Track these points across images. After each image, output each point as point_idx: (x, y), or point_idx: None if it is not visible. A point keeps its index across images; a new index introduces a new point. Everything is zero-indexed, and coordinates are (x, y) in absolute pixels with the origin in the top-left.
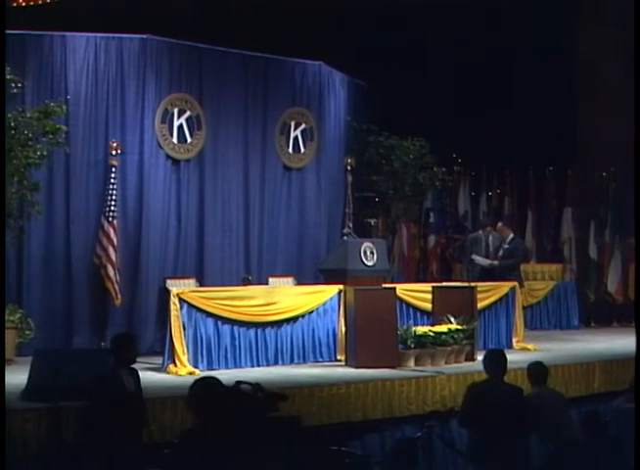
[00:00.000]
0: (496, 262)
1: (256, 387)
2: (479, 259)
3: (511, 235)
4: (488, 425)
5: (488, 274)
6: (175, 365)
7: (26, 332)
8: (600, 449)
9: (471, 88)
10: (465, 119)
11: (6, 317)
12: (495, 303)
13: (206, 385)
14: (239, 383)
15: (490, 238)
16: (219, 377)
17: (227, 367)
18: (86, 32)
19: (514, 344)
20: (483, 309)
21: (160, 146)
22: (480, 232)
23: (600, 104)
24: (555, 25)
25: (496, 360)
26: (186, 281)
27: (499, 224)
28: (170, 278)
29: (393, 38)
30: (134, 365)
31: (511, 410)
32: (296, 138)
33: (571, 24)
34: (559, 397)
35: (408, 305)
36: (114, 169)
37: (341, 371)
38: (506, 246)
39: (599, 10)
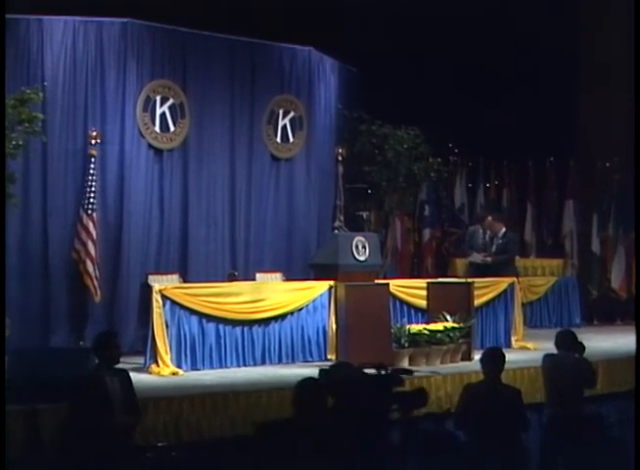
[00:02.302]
0: (489, 259)
1: (380, 365)
2: (473, 257)
3: (503, 229)
4: (484, 427)
5: (483, 271)
6: (158, 365)
7: None
8: (602, 452)
9: (468, 75)
10: (462, 108)
11: None
12: (493, 299)
13: (341, 369)
14: (365, 365)
15: (488, 231)
16: (204, 378)
17: (212, 367)
18: (64, 16)
19: (513, 342)
20: (481, 306)
21: (141, 135)
22: (478, 225)
23: (602, 92)
24: (556, 12)
25: (494, 360)
26: (169, 277)
27: (489, 218)
28: (152, 274)
29: (387, 22)
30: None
31: (508, 412)
32: (284, 127)
33: (572, 11)
34: (587, 366)
35: (402, 301)
36: (93, 160)
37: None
38: (499, 241)
39: None
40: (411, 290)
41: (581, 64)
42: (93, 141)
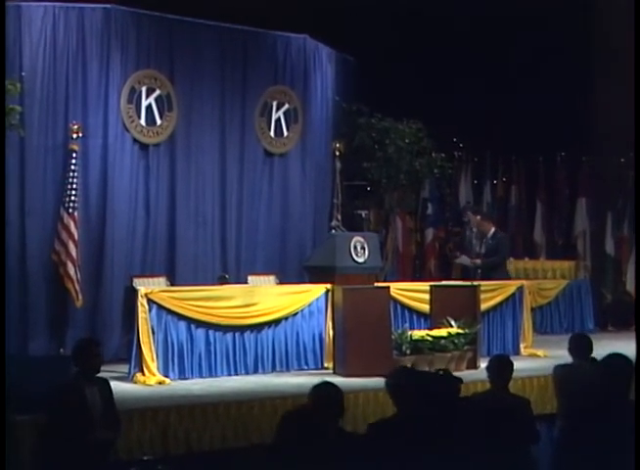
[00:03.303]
0: (479, 261)
1: (447, 371)
2: (460, 260)
3: (492, 229)
4: (491, 440)
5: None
6: (143, 374)
7: None
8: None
9: (474, 65)
10: (467, 100)
11: None
12: (501, 303)
13: (407, 373)
14: (439, 370)
15: (475, 230)
16: (193, 387)
17: (201, 376)
18: (43, 2)
19: (521, 349)
20: (487, 311)
21: (126, 129)
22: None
23: (617, 83)
24: (567, 3)
25: (501, 368)
26: (155, 280)
27: (478, 218)
28: (138, 276)
29: (387, 9)
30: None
31: (516, 424)
32: (278, 120)
33: (585, 2)
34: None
35: (403, 306)
36: (74, 155)
37: (328, 380)
38: (489, 242)
39: None
40: (413, 293)
41: (595, 53)
42: (74, 135)
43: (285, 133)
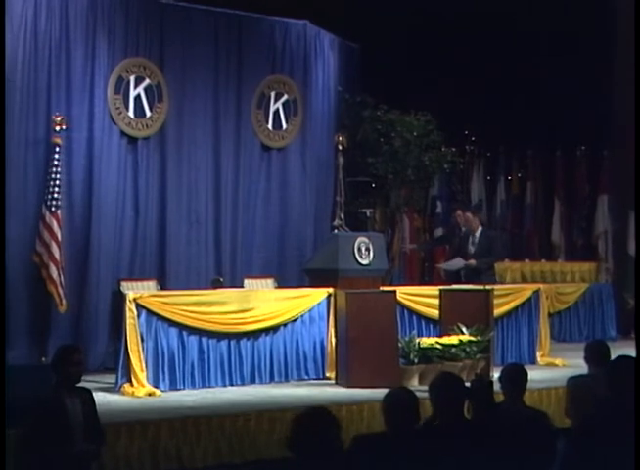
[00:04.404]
0: (473, 262)
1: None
2: (450, 264)
3: (480, 228)
4: (505, 456)
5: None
6: (132, 385)
7: None
8: None
9: (487, 53)
10: (479, 90)
11: None
12: (516, 309)
13: (450, 379)
14: (479, 375)
15: (464, 228)
16: (185, 399)
17: (194, 387)
18: None
19: (538, 358)
20: (501, 317)
21: (113, 121)
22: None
23: None
24: None
25: (515, 378)
26: (145, 283)
27: (467, 214)
28: (126, 280)
29: None
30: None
31: (532, 438)
32: (276, 112)
33: None
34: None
35: (411, 311)
36: (57, 149)
37: (330, 391)
38: (477, 241)
39: None
40: (421, 298)
41: (618, 40)
42: (57, 128)
43: (284, 126)
